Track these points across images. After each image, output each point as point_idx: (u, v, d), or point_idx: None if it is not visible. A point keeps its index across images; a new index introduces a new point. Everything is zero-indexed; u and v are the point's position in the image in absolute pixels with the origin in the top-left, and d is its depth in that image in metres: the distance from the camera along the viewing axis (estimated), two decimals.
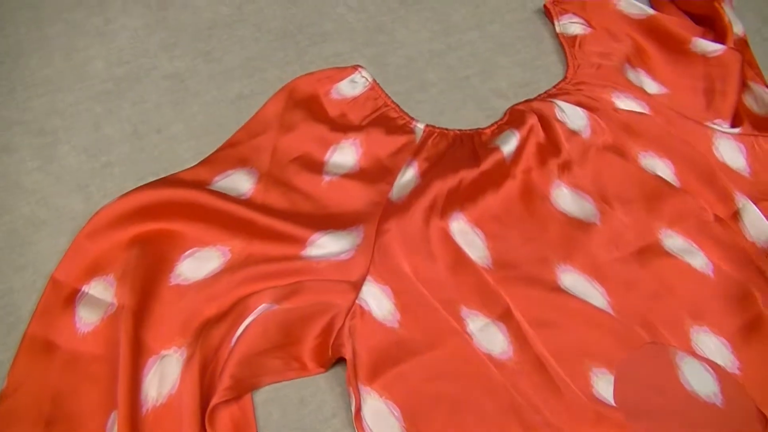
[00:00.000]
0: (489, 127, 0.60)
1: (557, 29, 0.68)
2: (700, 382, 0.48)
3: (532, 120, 0.58)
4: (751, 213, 0.55)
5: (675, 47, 0.66)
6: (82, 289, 0.51)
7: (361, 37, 0.66)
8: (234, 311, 0.50)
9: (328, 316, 0.50)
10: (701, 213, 0.55)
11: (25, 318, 0.50)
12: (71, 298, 0.50)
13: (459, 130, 0.60)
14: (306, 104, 0.59)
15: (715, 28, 0.67)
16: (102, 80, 0.62)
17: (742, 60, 0.64)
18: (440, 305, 0.51)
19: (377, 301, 0.50)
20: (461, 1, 0.70)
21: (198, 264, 0.52)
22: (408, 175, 0.56)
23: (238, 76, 0.62)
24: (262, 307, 0.49)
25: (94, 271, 0.51)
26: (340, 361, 0.49)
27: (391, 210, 0.54)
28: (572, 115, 0.59)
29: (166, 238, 0.53)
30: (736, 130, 0.61)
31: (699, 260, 0.53)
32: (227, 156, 0.57)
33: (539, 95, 0.63)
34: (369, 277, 0.51)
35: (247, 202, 0.54)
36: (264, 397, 0.49)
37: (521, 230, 0.55)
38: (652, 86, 0.64)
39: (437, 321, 0.50)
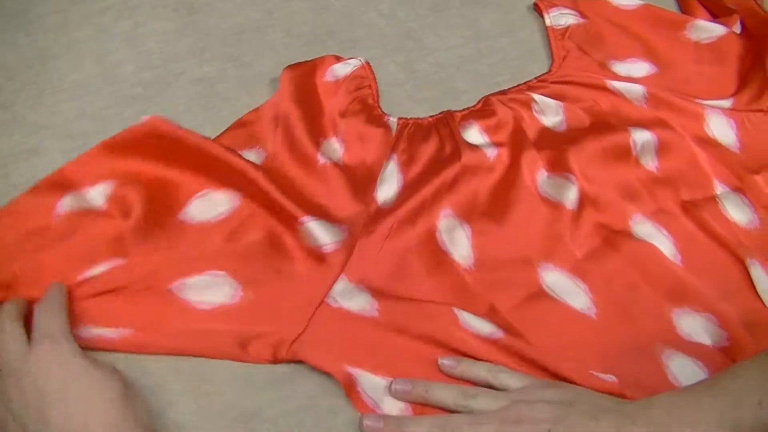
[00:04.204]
0: (461, 111, 0.61)
1: (547, 22, 0.67)
2: (691, 380, 0.48)
3: (505, 113, 0.60)
4: (731, 199, 0.56)
5: (668, 33, 0.66)
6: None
7: (392, 43, 0.66)
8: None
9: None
10: (675, 200, 0.56)
11: None
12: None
13: (431, 116, 0.60)
14: (304, 87, 0.60)
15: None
16: (131, 84, 0.61)
17: (743, 44, 0.65)
18: (422, 299, 0.51)
19: (352, 298, 0.51)
20: (491, 7, 0.69)
21: (207, 206, 0.54)
22: (389, 169, 0.57)
23: (268, 82, 0.61)
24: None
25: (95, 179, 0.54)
26: None
27: (379, 213, 0.54)
28: (548, 110, 0.60)
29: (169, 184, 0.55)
30: (726, 103, 0.61)
31: (667, 248, 0.54)
32: (237, 135, 0.58)
33: (518, 85, 0.63)
34: (343, 276, 0.51)
35: (254, 166, 0.55)
36: (296, 404, 0.48)
37: (507, 224, 0.55)
38: (641, 68, 0.64)
39: (419, 307, 0.50)
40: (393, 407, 0.47)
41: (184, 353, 0.48)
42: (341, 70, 0.61)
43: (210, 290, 0.50)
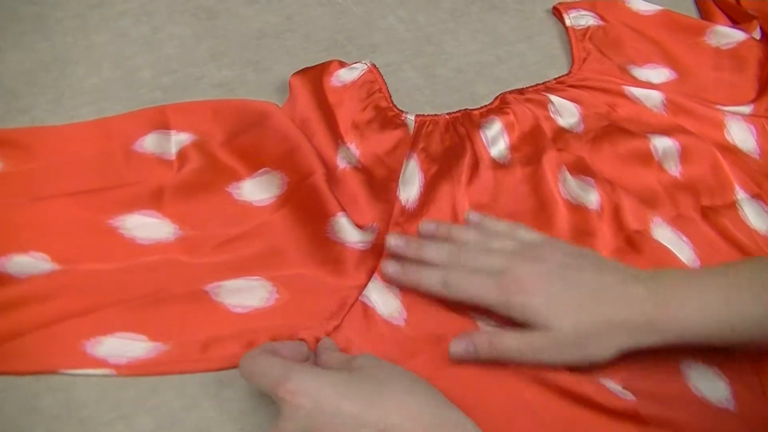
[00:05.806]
0: (478, 109, 0.61)
1: (567, 22, 0.67)
2: (711, 388, 0.47)
3: (523, 111, 0.59)
4: (751, 206, 0.56)
5: (687, 39, 0.66)
6: None
7: (411, 48, 0.66)
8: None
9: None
10: (695, 206, 0.56)
11: None
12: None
13: (448, 113, 0.60)
14: (316, 92, 0.59)
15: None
16: (150, 89, 0.61)
17: (763, 50, 0.65)
18: (450, 308, 0.50)
19: (383, 298, 0.50)
20: (510, 13, 0.69)
21: (260, 187, 0.55)
22: (410, 168, 0.56)
23: (287, 87, 0.61)
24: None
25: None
26: None
27: (404, 215, 0.54)
28: (564, 112, 0.60)
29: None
30: (746, 109, 0.61)
31: (686, 254, 0.53)
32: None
33: (536, 85, 0.63)
34: (375, 275, 0.51)
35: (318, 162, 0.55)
36: None
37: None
38: (660, 74, 0.64)
39: (446, 320, 0.49)
40: None
41: (221, 365, 0.48)
42: (347, 75, 0.61)
43: (245, 293, 0.50)
